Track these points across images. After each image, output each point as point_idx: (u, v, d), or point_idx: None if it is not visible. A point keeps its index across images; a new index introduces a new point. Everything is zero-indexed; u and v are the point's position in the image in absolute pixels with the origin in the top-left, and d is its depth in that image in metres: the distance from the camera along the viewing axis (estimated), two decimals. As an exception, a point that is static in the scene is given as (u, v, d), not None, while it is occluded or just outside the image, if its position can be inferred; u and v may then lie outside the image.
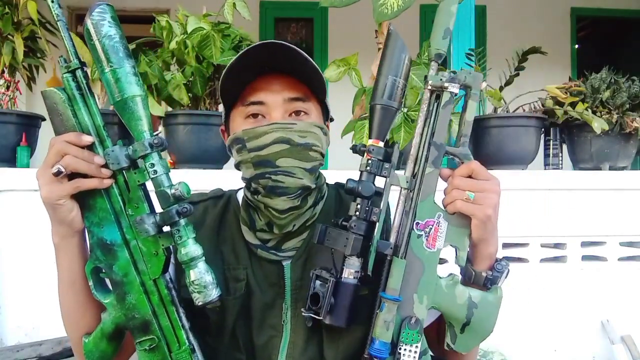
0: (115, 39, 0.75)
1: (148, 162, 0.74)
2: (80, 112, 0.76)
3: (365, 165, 0.81)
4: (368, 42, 2.80)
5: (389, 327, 0.78)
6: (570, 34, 6.00)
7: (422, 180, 0.81)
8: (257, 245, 0.91)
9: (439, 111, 0.82)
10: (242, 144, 0.87)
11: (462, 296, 0.82)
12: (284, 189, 0.85)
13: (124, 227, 0.78)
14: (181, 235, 0.75)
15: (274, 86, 0.88)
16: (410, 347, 0.78)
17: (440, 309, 0.82)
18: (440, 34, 0.82)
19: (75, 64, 0.76)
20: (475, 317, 0.82)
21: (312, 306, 0.80)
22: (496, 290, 0.84)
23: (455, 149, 0.83)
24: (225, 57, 2.29)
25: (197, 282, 0.75)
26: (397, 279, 0.79)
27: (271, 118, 0.87)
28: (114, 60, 0.74)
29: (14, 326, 2.18)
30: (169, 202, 0.74)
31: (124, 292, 0.78)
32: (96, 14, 0.74)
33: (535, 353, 2.45)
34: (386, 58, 0.83)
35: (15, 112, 2.48)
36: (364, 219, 0.80)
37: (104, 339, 0.80)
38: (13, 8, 2.44)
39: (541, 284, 2.45)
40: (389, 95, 0.81)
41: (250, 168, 0.87)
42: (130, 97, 0.74)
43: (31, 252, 2.17)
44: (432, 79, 0.82)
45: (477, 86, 0.83)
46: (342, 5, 2.38)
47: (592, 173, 2.64)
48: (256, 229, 0.91)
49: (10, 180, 2.20)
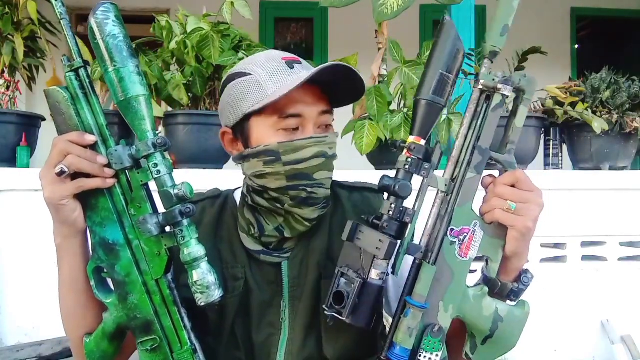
0: (119, 38, 0.74)
1: (151, 162, 0.74)
2: (83, 111, 0.76)
3: (403, 163, 0.75)
4: (368, 42, 2.80)
5: (412, 334, 0.75)
6: (570, 34, 6.00)
7: (462, 185, 0.76)
8: (258, 251, 0.91)
9: (487, 114, 0.77)
10: (277, 157, 0.84)
11: (489, 308, 0.78)
12: (315, 200, 0.86)
13: (126, 227, 0.78)
14: (184, 236, 0.75)
15: (308, 98, 0.86)
16: (431, 355, 0.75)
17: (465, 319, 0.78)
18: (498, 30, 0.76)
19: (78, 63, 0.76)
20: (499, 331, 0.78)
21: (335, 305, 0.76)
22: (524, 305, 0.81)
23: (500, 155, 0.78)
24: (225, 57, 2.29)
25: (199, 282, 0.75)
26: (425, 286, 0.75)
27: (305, 130, 0.86)
28: (118, 60, 0.74)
29: (14, 326, 2.18)
30: (172, 202, 0.74)
31: (126, 292, 0.78)
32: (100, 13, 0.74)
33: (535, 353, 2.45)
34: (437, 50, 0.76)
35: (15, 112, 2.48)
36: (397, 220, 0.75)
37: (105, 339, 0.80)
38: (13, 8, 2.44)
39: (541, 284, 2.44)
40: (437, 91, 0.75)
41: (281, 180, 0.85)
42: (134, 96, 0.74)
43: (31, 252, 2.17)
44: (485, 78, 0.76)
45: (532, 91, 0.78)
46: (342, 5, 2.38)
47: (592, 173, 2.64)
48: (264, 233, 0.90)
49: (10, 180, 2.20)
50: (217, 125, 2.39)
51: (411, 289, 0.76)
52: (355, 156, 2.35)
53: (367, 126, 2.31)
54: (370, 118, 2.35)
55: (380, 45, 2.57)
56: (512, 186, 0.77)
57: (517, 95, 0.78)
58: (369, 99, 2.35)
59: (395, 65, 2.47)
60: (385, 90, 2.41)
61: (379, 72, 2.57)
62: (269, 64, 0.87)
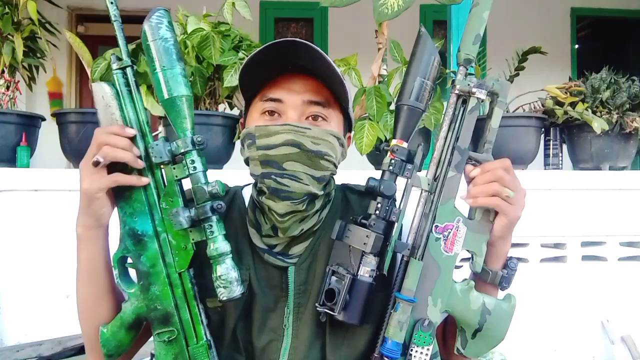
0: (170, 42, 0.79)
1: (189, 159, 0.78)
2: (126, 107, 0.80)
3: (387, 165, 0.81)
4: (368, 42, 2.80)
5: (403, 328, 0.78)
6: (570, 34, 5.99)
7: (444, 183, 0.81)
8: (264, 249, 0.90)
9: (464, 116, 0.82)
10: (253, 140, 0.85)
11: (476, 302, 0.82)
12: (288, 193, 0.83)
13: (156, 219, 0.81)
14: (213, 231, 0.78)
15: (295, 86, 0.86)
16: (421, 349, 0.79)
17: (453, 313, 0.82)
18: (470, 40, 0.83)
19: (126, 62, 0.80)
20: (487, 324, 0.82)
21: (327, 302, 0.80)
22: (510, 298, 0.85)
23: (478, 154, 0.83)
24: (225, 57, 2.29)
25: (223, 277, 0.78)
26: (413, 280, 0.79)
27: (287, 118, 0.86)
28: (167, 61, 0.79)
29: (14, 326, 2.18)
30: (205, 198, 0.77)
31: (149, 283, 0.80)
32: (155, 17, 0.79)
33: (535, 353, 2.45)
34: (415, 59, 0.83)
35: (15, 112, 2.48)
36: (383, 218, 0.80)
37: (122, 328, 0.82)
38: (13, 8, 2.44)
39: (541, 284, 2.45)
40: (417, 97, 0.81)
41: (257, 165, 0.86)
42: (179, 96, 0.79)
43: (31, 252, 2.17)
44: (460, 83, 0.82)
45: (505, 94, 0.83)
46: (342, 5, 2.38)
47: (592, 173, 2.65)
48: (261, 233, 0.90)
49: (10, 180, 2.20)
50: (217, 125, 2.40)
51: (400, 285, 0.80)
52: (356, 156, 2.35)
53: (367, 126, 2.31)
54: (370, 118, 2.35)
55: (380, 45, 2.57)
56: None
57: (491, 98, 0.84)
58: (368, 99, 2.35)
59: (395, 65, 2.47)
60: (385, 90, 2.41)
61: (379, 72, 2.57)
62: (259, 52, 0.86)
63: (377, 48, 2.57)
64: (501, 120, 0.83)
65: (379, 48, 2.57)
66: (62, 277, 2.13)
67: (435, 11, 5.29)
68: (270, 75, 0.87)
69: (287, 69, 0.87)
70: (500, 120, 0.84)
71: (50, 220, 2.16)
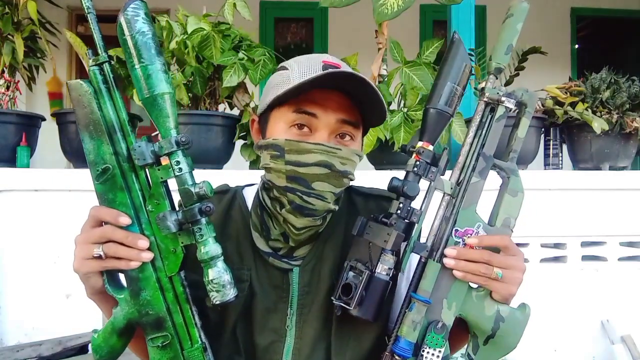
0: (148, 35, 0.75)
1: (173, 160, 0.74)
2: (105, 105, 0.76)
3: (412, 166, 0.81)
4: (368, 42, 2.80)
5: (416, 328, 0.78)
6: (570, 34, 6.00)
7: (467, 188, 0.81)
8: (268, 253, 0.90)
9: (491, 124, 0.83)
10: (281, 153, 0.84)
11: (490, 308, 0.81)
12: (312, 211, 0.84)
13: (142, 222, 0.77)
14: (202, 234, 0.75)
15: (330, 102, 0.84)
16: (433, 351, 0.78)
17: (467, 317, 0.82)
18: (503, 50, 0.84)
19: (103, 57, 0.76)
20: (500, 331, 0.81)
21: (343, 296, 0.79)
22: (525, 307, 0.84)
23: (503, 162, 0.83)
24: (225, 57, 2.29)
25: (215, 280, 0.75)
26: (430, 281, 0.79)
27: (317, 134, 0.84)
28: (146, 57, 0.74)
29: (14, 326, 2.18)
30: (192, 200, 0.74)
31: (139, 288, 0.78)
32: (130, 9, 0.74)
33: (535, 353, 2.45)
34: (447, 64, 0.83)
35: (15, 112, 2.48)
36: (404, 218, 0.80)
37: (114, 334, 0.80)
38: (13, 8, 2.44)
39: (541, 284, 2.45)
40: (446, 102, 0.81)
41: (282, 178, 0.84)
42: (160, 94, 0.75)
43: (31, 252, 2.17)
44: (490, 91, 0.83)
45: (532, 105, 0.84)
46: (342, 5, 2.38)
47: (592, 173, 2.64)
48: (270, 237, 0.90)
49: (10, 180, 2.20)
50: (217, 125, 2.40)
51: (417, 286, 0.80)
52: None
53: (368, 127, 2.31)
54: (370, 118, 2.35)
55: (380, 45, 2.57)
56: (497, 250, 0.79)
57: (519, 108, 0.84)
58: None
59: (395, 65, 2.47)
60: (385, 90, 2.41)
61: (379, 72, 2.57)
62: (306, 62, 0.87)
63: (377, 48, 2.57)
64: (501, 121, 0.84)
65: (379, 48, 2.57)
66: (62, 277, 2.12)
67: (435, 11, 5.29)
68: (305, 87, 0.83)
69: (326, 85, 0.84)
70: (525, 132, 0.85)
71: (50, 220, 2.16)
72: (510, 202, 0.83)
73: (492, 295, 0.81)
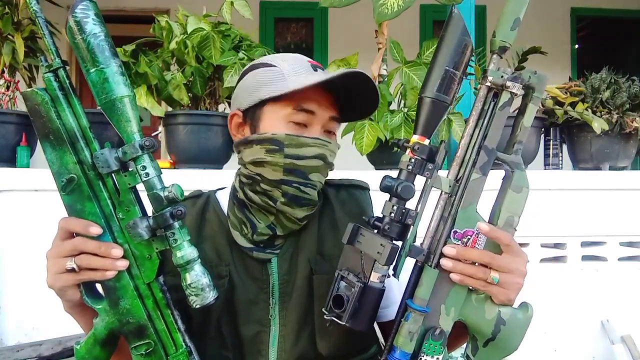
0: (101, 37, 0.71)
1: (139, 165, 0.72)
2: (64, 113, 0.73)
3: (406, 164, 0.73)
4: (368, 42, 2.80)
5: (413, 338, 0.73)
6: (570, 34, 6.00)
7: (467, 186, 0.73)
8: (251, 248, 0.91)
9: (494, 112, 0.73)
10: (280, 147, 0.86)
11: (491, 312, 0.76)
12: (308, 201, 0.89)
13: (114, 231, 0.75)
14: (176, 239, 0.73)
15: (324, 100, 0.90)
16: (431, 359, 0.74)
17: (466, 321, 0.77)
18: (508, 24, 0.72)
19: (57, 63, 0.73)
20: (501, 334, 0.76)
21: (335, 309, 0.74)
22: (527, 308, 0.79)
23: (507, 156, 0.75)
24: (226, 57, 2.29)
25: (194, 285, 0.74)
26: (427, 289, 0.73)
27: (312, 129, 0.90)
28: (101, 60, 0.71)
29: (14, 326, 2.18)
30: (163, 204, 0.72)
31: (117, 297, 0.76)
32: (79, 11, 0.71)
33: (535, 353, 2.45)
34: (443, 45, 0.73)
35: (15, 112, 2.47)
36: (399, 222, 0.72)
37: (97, 345, 0.78)
38: (13, 8, 2.44)
39: (541, 284, 2.45)
40: (442, 89, 0.72)
41: (278, 172, 0.87)
42: (119, 97, 0.71)
43: (31, 252, 2.17)
44: (493, 74, 0.72)
45: (541, 89, 0.74)
46: (342, 5, 2.38)
47: (592, 173, 2.64)
48: (256, 231, 0.91)
49: (10, 180, 2.20)
50: (217, 125, 2.40)
51: (412, 292, 0.75)
52: (356, 156, 2.35)
53: (367, 126, 2.31)
54: (371, 118, 2.35)
55: (380, 45, 2.57)
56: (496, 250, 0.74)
57: (526, 93, 0.75)
58: (369, 99, 2.35)
59: (395, 65, 2.47)
60: (385, 90, 2.41)
61: (379, 72, 2.57)
62: (295, 62, 0.91)
63: (377, 48, 2.57)
64: (505, 108, 0.74)
65: (379, 48, 2.57)
66: (62, 277, 2.12)
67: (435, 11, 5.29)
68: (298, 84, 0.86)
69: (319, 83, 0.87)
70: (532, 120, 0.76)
71: (50, 220, 2.15)
72: (513, 198, 0.75)
73: (492, 299, 0.76)
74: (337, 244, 0.90)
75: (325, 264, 0.90)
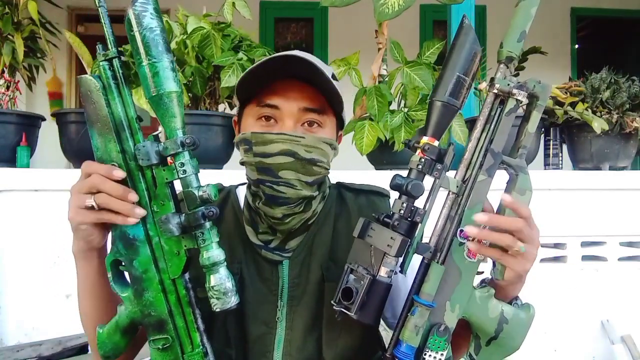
0: (156, 31, 0.72)
1: (178, 161, 0.73)
2: (114, 102, 0.75)
3: (416, 163, 0.76)
4: (368, 42, 2.80)
5: (419, 332, 0.75)
6: (570, 34, 6.00)
7: (473, 187, 0.77)
8: (260, 246, 0.91)
9: (501, 118, 0.78)
10: (249, 146, 0.86)
11: (494, 310, 0.79)
12: (285, 199, 0.86)
13: (147, 223, 0.76)
14: (205, 239, 0.74)
15: (291, 93, 0.86)
16: (435, 354, 0.76)
17: (470, 319, 0.79)
18: (515, 36, 0.78)
19: (113, 53, 0.75)
20: (504, 333, 0.79)
21: (344, 300, 0.77)
22: (529, 308, 0.82)
23: (512, 159, 0.79)
24: (225, 57, 2.29)
25: (217, 287, 0.74)
26: (433, 285, 0.76)
27: (283, 124, 0.86)
28: (154, 54, 0.72)
29: (14, 326, 2.18)
30: (196, 203, 0.73)
31: (142, 288, 0.77)
32: (139, 4, 0.72)
33: (535, 353, 2.45)
34: (455, 52, 0.77)
35: (15, 112, 2.48)
36: (407, 219, 0.75)
37: (117, 332, 0.79)
38: (13, 8, 2.44)
39: (541, 284, 2.45)
40: (453, 94, 0.76)
41: (254, 171, 0.87)
42: (167, 92, 0.73)
43: (31, 252, 2.17)
44: (500, 82, 0.77)
45: (545, 98, 0.79)
46: (342, 5, 2.38)
47: (592, 173, 2.64)
48: (258, 231, 0.91)
49: (10, 180, 2.20)
50: (217, 125, 2.40)
51: (419, 288, 0.77)
52: (356, 156, 2.35)
53: (367, 126, 2.31)
54: (371, 118, 2.35)
55: (380, 45, 2.57)
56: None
57: (530, 101, 0.79)
58: (369, 99, 2.35)
59: (395, 65, 2.47)
60: (386, 90, 2.41)
61: (379, 72, 2.57)
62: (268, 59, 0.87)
63: (377, 48, 2.57)
64: (511, 115, 0.78)
65: (379, 48, 2.57)
66: (62, 277, 2.13)
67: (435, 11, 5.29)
68: (266, 81, 0.87)
69: (283, 75, 0.87)
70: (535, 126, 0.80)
71: (50, 220, 2.16)
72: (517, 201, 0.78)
73: (508, 272, 0.75)
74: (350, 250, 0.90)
75: (338, 271, 0.87)
